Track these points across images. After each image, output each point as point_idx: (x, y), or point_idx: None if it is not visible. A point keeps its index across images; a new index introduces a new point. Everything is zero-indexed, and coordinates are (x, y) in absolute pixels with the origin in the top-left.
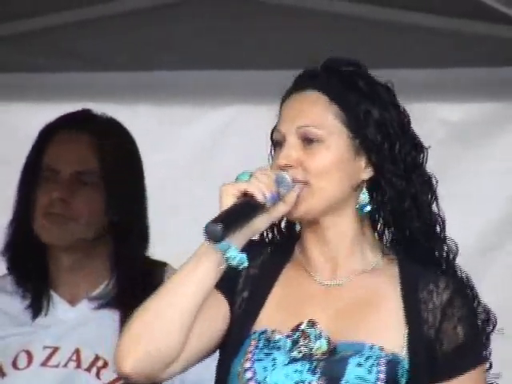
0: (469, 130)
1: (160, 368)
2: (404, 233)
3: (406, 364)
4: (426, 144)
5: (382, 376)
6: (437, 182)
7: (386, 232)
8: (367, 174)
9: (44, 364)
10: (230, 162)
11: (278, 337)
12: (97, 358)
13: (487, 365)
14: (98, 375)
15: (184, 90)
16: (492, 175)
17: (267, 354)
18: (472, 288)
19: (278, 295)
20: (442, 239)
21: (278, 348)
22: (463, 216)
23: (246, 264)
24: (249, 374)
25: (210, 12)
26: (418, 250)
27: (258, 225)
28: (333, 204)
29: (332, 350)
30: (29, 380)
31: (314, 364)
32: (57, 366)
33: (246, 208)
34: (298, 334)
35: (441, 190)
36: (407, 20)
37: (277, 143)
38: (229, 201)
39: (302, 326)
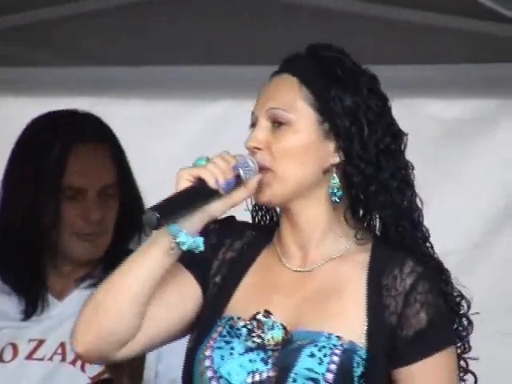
0: (461, 127)
1: (112, 349)
2: (374, 218)
3: (363, 353)
4: (417, 140)
5: (333, 366)
6: (413, 168)
7: (357, 217)
8: (336, 158)
9: (29, 357)
10: None
11: (240, 324)
12: None
13: (454, 348)
14: (82, 368)
15: (176, 85)
16: (484, 171)
17: (227, 342)
18: (442, 272)
19: (250, 281)
20: (414, 225)
21: (238, 336)
22: (456, 211)
23: (201, 248)
24: (207, 362)
25: (201, 7)
26: (390, 235)
27: (215, 210)
28: (300, 189)
29: (288, 340)
30: (14, 372)
31: (269, 354)
32: (42, 359)
33: (197, 193)
34: (254, 323)
35: (432, 186)
36: (400, 17)
37: (252, 125)
38: (183, 186)
39: (259, 316)
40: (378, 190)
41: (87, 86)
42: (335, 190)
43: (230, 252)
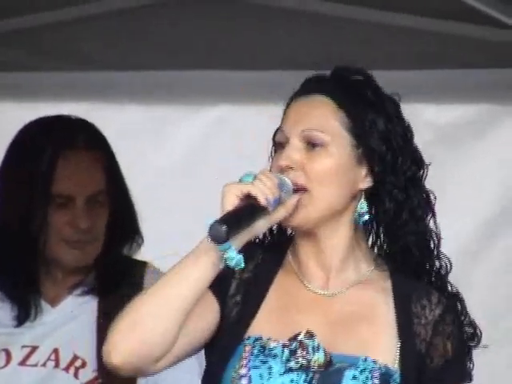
0: (454, 132)
1: (149, 362)
2: (399, 245)
3: (397, 377)
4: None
5: None
6: (435, 198)
7: (379, 243)
8: (366, 183)
9: (22, 363)
10: (221, 161)
11: (273, 345)
12: (75, 358)
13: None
14: (76, 375)
15: (174, 90)
16: (478, 176)
17: (263, 362)
18: (462, 303)
19: (272, 303)
20: (435, 254)
21: (274, 356)
22: (450, 216)
23: (242, 265)
24: (244, 381)
25: (201, 12)
26: (411, 263)
27: (258, 228)
28: (330, 212)
29: (328, 362)
30: (7, 379)
31: (310, 375)
32: (35, 366)
33: (249, 210)
34: (295, 344)
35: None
36: (395, 22)
37: (279, 144)
38: (231, 201)
39: (300, 337)
40: (407, 217)
41: (85, 91)
42: (361, 215)
43: (246, 273)
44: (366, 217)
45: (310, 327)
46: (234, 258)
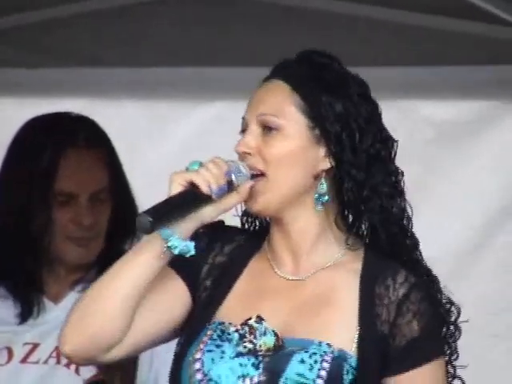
0: (455, 129)
1: (100, 351)
2: (365, 224)
3: (353, 361)
4: (411, 142)
5: (323, 373)
6: (403, 175)
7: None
8: (326, 164)
9: (23, 361)
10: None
11: (231, 329)
12: None
13: (443, 358)
14: (77, 371)
15: (171, 87)
16: (477, 174)
17: (218, 346)
18: (434, 281)
19: (241, 288)
20: (404, 232)
21: (229, 340)
22: (449, 213)
23: (192, 252)
24: (197, 365)
25: (198, 11)
26: (381, 242)
27: (206, 215)
28: (291, 195)
29: (279, 346)
30: (9, 376)
31: (259, 359)
32: (37, 363)
33: (190, 198)
34: (246, 328)
35: (425, 187)
36: (395, 19)
37: (243, 131)
38: (175, 189)
39: (251, 321)
40: (368, 195)
41: (84, 88)
42: (322, 196)
43: (219, 256)
44: (326, 197)
45: (271, 312)
46: (178, 245)
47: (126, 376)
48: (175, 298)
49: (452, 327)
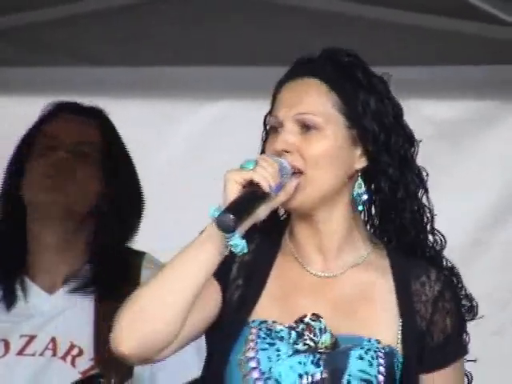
0: (455, 128)
1: (156, 350)
2: (395, 223)
3: (400, 356)
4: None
5: (382, 369)
6: (427, 174)
7: (372, 222)
8: (361, 163)
9: (20, 353)
10: (222, 155)
11: (279, 327)
12: (72, 347)
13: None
14: (73, 363)
15: (175, 86)
16: (477, 171)
17: (271, 344)
18: (458, 278)
19: (273, 287)
20: (429, 231)
21: (281, 338)
22: (449, 209)
23: (246, 251)
24: (253, 364)
25: (200, 10)
26: (407, 241)
27: (260, 213)
28: (328, 194)
29: (334, 344)
30: (5, 368)
31: (318, 357)
32: (33, 355)
33: (253, 197)
34: (302, 326)
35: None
36: (397, 19)
37: (272, 128)
38: (234, 188)
39: (306, 319)
40: (403, 194)
41: (86, 87)
42: (360, 195)
43: (246, 256)
44: (365, 196)
45: (313, 310)
46: (239, 244)
47: (121, 369)
48: (211, 298)
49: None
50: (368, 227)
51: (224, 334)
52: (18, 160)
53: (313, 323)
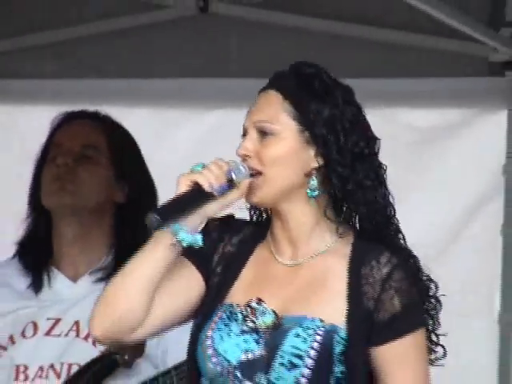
0: (433, 134)
1: (124, 333)
2: (351, 214)
3: (343, 333)
4: (395, 145)
5: (316, 344)
6: (386, 169)
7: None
8: (315, 163)
9: (47, 333)
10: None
11: (237, 310)
12: None
13: (423, 330)
14: (94, 343)
15: (174, 96)
16: (453, 172)
17: (226, 325)
18: (415, 260)
19: (247, 273)
20: (387, 218)
21: (236, 320)
22: (428, 207)
23: (200, 244)
24: (208, 342)
25: (199, 29)
26: (366, 228)
27: (209, 210)
28: (286, 190)
29: (278, 324)
30: (35, 347)
31: (260, 335)
32: (59, 336)
33: (195, 196)
34: (248, 309)
35: (409, 185)
36: (380, 37)
37: (243, 135)
38: (182, 190)
39: (252, 303)
40: (353, 189)
41: (100, 96)
42: (312, 191)
43: (228, 246)
44: (316, 192)
45: (271, 295)
46: (186, 238)
47: (135, 349)
48: (190, 284)
49: (433, 300)
50: (341, 218)
51: (201, 316)
52: (37, 168)
53: (256, 306)
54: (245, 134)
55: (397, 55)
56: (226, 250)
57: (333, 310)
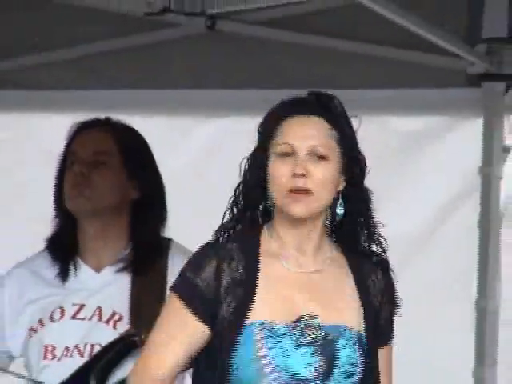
0: (415, 139)
1: None
2: (352, 229)
3: (365, 339)
4: (381, 149)
5: (359, 352)
6: (372, 193)
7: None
8: (342, 186)
9: (73, 317)
10: (224, 168)
11: (278, 325)
12: (114, 313)
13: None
14: (114, 326)
15: (178, 106)
16: (432, 174)
17: (277, 342)
18: (392, 275)
19: (263, 289)
20: (376, 236)
21: (283, 335)
22: (411, 203)
23: None
24: (265, 360)
25: (203, 48)
26: (359, 243)
27: None
28: (323, 208)
29: (326, 333)
30: (61, 329)
31: (315, 348)
32: (83, 319)
33: None
34: (302, 324)
35: (393, 185)
36: (368, 51)
37: (285, 154)
38: None
39: (305, 318)
40: (364, 207)
41: (106, 106)
42: (340, 210)
43: (232, 273)
44: (342, 211)
45: (301, 302)
46: None
47: (150, 329)
48: (197, 340)
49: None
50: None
51: (221, 340)
52: (59, 174)
53: (311, 321)
54: (287, 153)
55: (384, 68)
56: (232, 276)
57: (354, 317)
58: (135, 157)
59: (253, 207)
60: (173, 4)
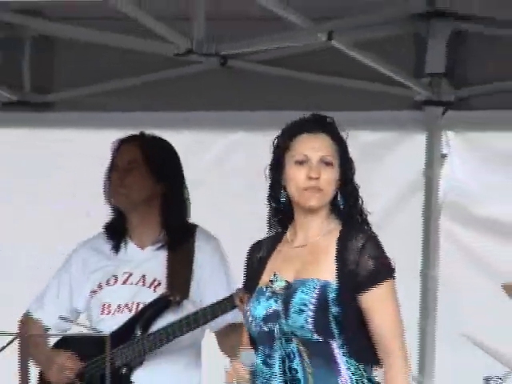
0: (372, 149)
1: None
2: (347, 212)
3: (334, 285)
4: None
5: (315, 295)
6: (359, 187)
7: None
8: (340, 182)
9: (124, 283)
10: (238, 176)
11: (263, 288)
12: (154, 280)
13: (392, 282)
14: (155, 290)
15: (189, 126)
16: (389, 175)
17: (257, 299)
18: (377, 241)
19: (272, 262)
20: (362, 211)
21: (263, 294)
22: (372, 197)
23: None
24: (248, 313)
25: (217, 80)
26: (349, 219)
27: None
28: (329, 200)
29: (289, 286)
30: (115, 292)
31: (278, 297)
32: (131, 284)
33: None
34: (269, 283)
35: (358, 182)
36: (345, 83)
37: (301, 162)
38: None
39: (271, 277)
40: (356, 198)
41: (140, 124)
42: (340, 201)
43: (258, 254)
44: (342, 201)
45: (287, 268)
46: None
47: (183, 293)
48: None
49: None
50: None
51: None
52: (108, 179)
53: (273, 278)
54: (302, 161)
55: (354, 96)
56: (259, 255)
57: (326, 271)
58: (158, 162)
59: (276, 200)
60: (194, 47)
